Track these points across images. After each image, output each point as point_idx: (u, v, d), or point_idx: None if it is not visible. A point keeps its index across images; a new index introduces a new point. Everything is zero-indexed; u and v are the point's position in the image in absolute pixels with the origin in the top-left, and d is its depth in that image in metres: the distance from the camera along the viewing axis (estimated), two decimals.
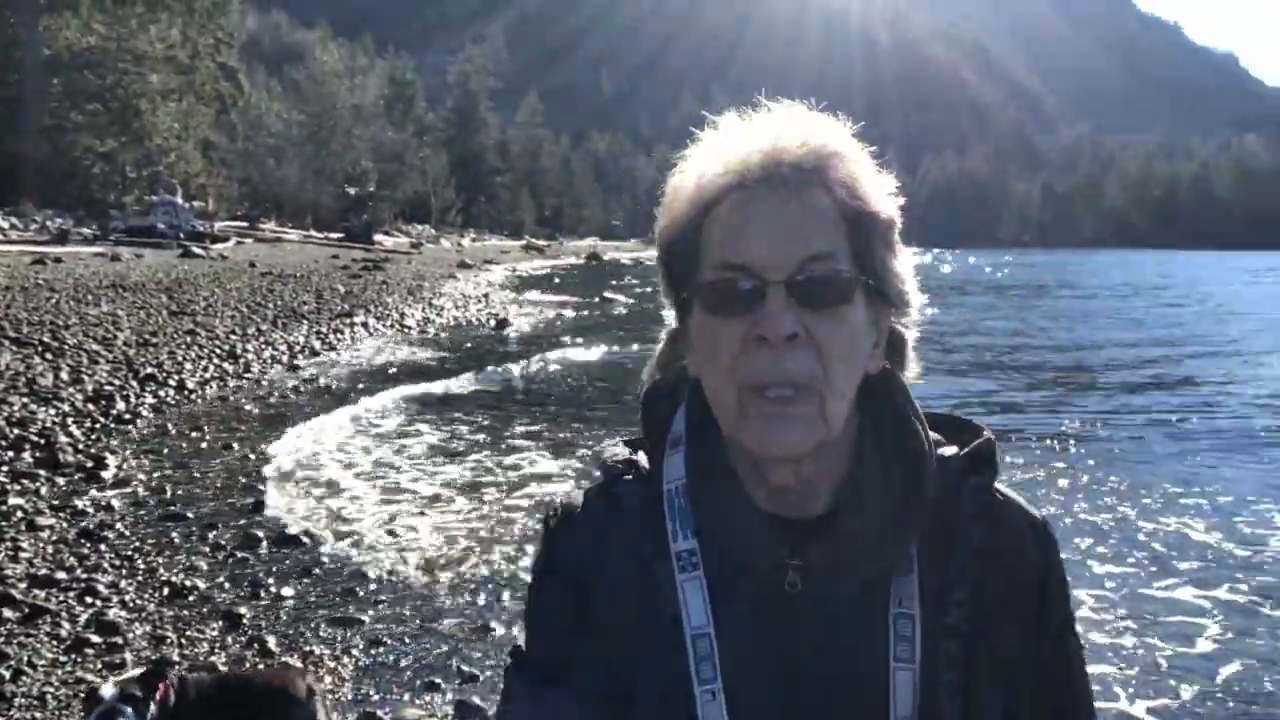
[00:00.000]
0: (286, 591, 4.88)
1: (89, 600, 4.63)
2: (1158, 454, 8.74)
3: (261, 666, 4.00)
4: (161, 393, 9.65)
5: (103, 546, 5.39)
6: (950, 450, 0.97)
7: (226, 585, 4.94)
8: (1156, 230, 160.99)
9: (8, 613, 4.40)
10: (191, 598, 4.75)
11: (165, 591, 4.79)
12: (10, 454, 6.99)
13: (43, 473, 6.67)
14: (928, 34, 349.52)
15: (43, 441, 7.35)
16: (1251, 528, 6.48)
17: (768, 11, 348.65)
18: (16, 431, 7.46)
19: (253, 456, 7.62)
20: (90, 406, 8.65)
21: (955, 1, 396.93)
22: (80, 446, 7.42)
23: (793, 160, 0.89)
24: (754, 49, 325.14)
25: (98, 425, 8.19)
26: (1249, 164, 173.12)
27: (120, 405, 8.89)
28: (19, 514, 5.81)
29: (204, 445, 7.88)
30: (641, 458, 1.02)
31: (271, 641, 4.26)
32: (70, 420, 8.13)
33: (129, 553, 5.32)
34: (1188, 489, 7.32)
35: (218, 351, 12.09)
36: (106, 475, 6.76)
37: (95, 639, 4.18)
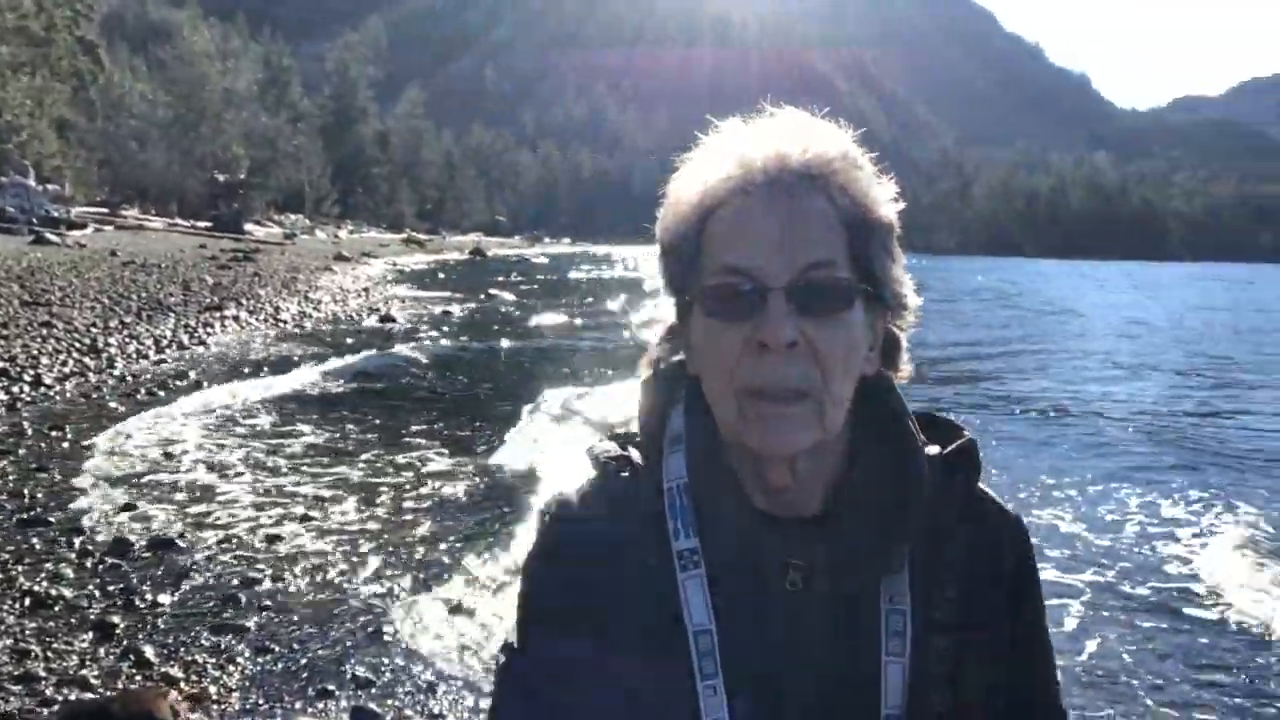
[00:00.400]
0: (163, 599, 4.62)
1: None
2: (1030, 446, 9.27)
3: (120, 691, 3.74)
4: (15, 389, 9.01)
5: None
6: (934, 449, 0.99)
7: (96, 594, 4.64)
8: (1017, 239, 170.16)
9: None
10: (57, 608, 4.44)
11: (27, 602, 4.47)
12: None
13: None
14: (802, 42, 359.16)
15: None
16: (1112, 515, 6.97)
17: (659, 19, 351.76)
18: None
19: (119, 456, 7.19)
20: None
21: (841, 14, 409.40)
22: None
23: (796, 166, 0.90)
24: (646, 54, 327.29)
25: None
26: (1098, 179, 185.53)
27: None
28: None
29: (66, 445, 7.38)
30: (634, 454, 1.01)
31: (149, 652, 4.03)
32: None
33: None
34: (1059, 480, 7.81)
35: (78, 345, 11.37)
36: None
37: None
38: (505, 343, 16.35)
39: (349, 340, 15.39)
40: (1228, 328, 26.99)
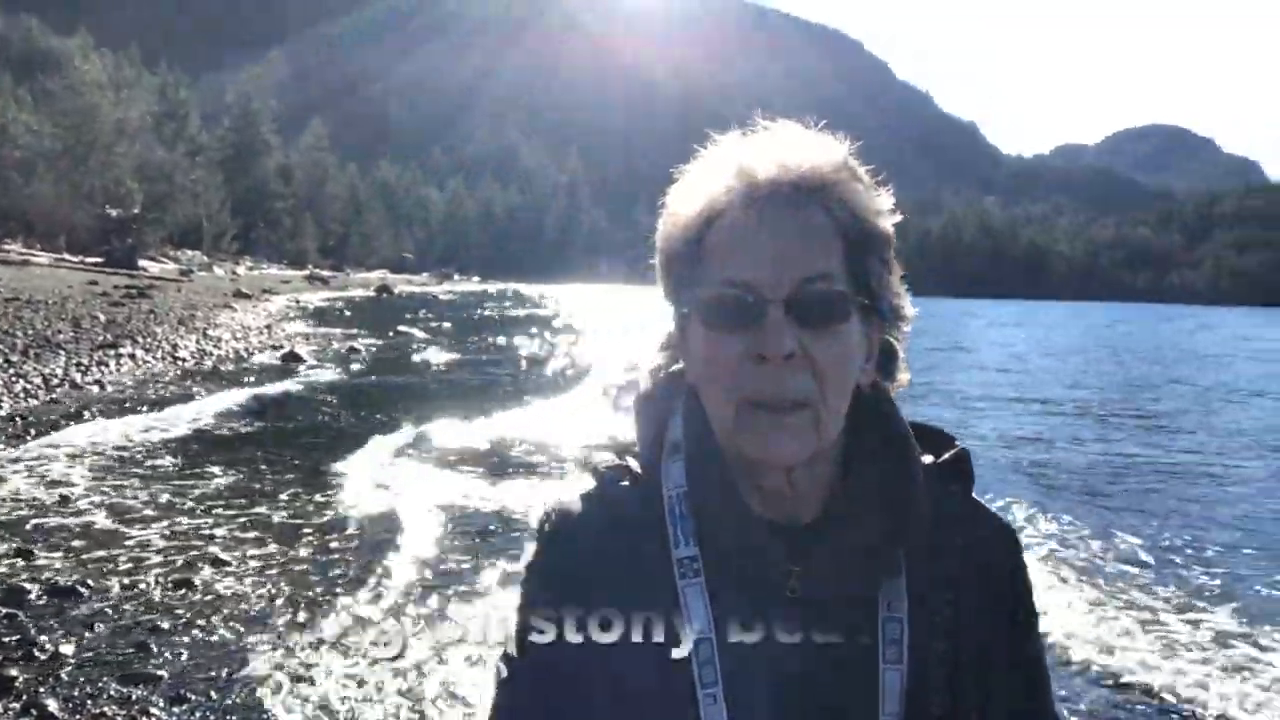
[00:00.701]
0: (66, 649, 4.37)
1: None
2: None
3: None
4: None
5: None
6: (927, 458, 1.00)
7: None
8: (914, 277, 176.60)
9: None
10: None
11: None
12: None
13: None
14: (710, 87, 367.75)
15: None
16: None
17: (570, 57, 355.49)
18: None
19: (11, 501, 6.81)
20: None
21: (747, 61, 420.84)
22: None
23: (794, 179, 0.92)
24: (558, 94, 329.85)
25: None
26: (989, 222, 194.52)
27: None
28: None
29: None
30: (633, 463, 1.02)
31: (53, 706, 3.80)
32: None
33: None
34: None
35: None
36: None
37: None
38: (413, 379, 16.12)
39: (252, 378, 14.93)
40: (1105, 363, 28.47)
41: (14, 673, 4.08)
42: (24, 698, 3.89)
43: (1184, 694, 4.63)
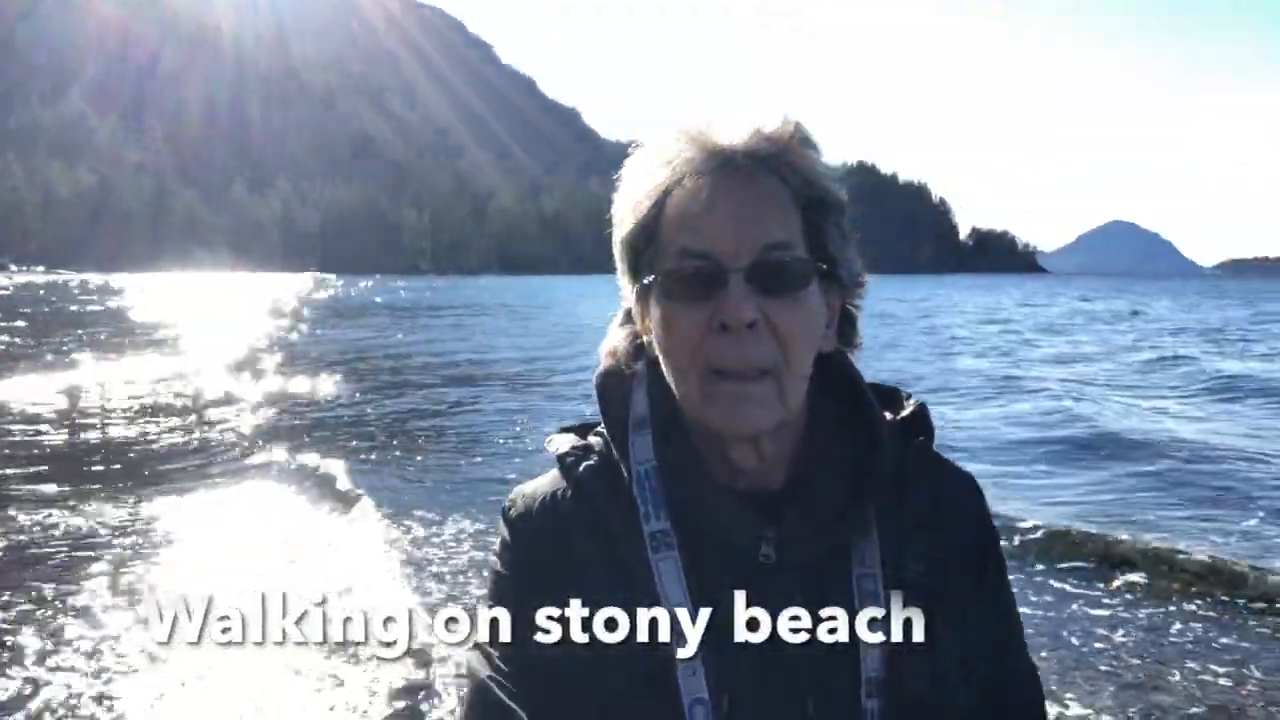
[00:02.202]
0: None
1: None
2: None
3: None
4: None
5: None
6: (886, 415, 1.01)
7: None
8: (532, 258, 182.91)
9: None
10: None
11: None
12: None
13: None
14: (312, 62, 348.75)
15: None
16: None
17: (148, 24, 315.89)
18: None
19: None
20: None
21: (347, 36, 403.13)
22: None
23: (750, 149, 0.92)
24: (132, 62, 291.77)
25: None
26: (595, 206, 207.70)
27: None
28: None
29: None
30: (594, 441, 1.02)
31: None
32: None
33: None
34: None
35: None
36: None
37: None
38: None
39: None
40: None
41: None
42: None
43: None
